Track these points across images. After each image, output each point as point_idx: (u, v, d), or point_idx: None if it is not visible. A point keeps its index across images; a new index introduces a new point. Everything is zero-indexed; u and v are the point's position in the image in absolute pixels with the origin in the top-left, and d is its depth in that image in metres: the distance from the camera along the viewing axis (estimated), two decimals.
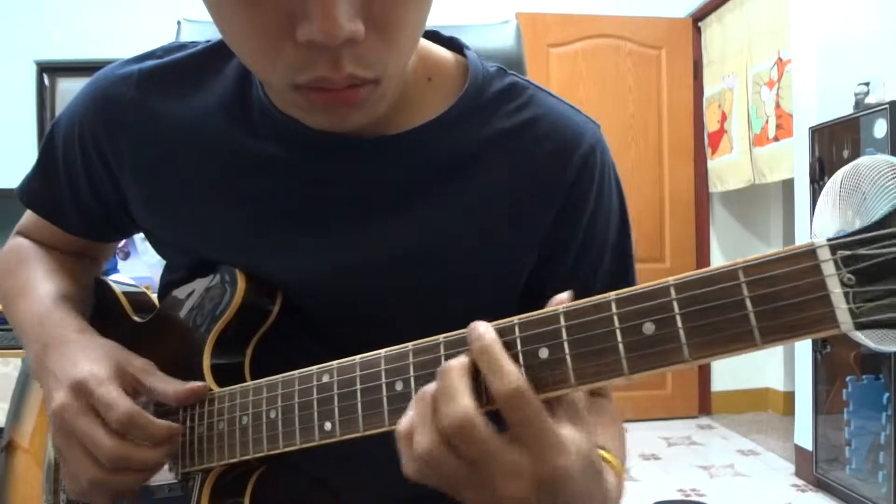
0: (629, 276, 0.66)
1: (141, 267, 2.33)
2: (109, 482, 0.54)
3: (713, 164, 3.49)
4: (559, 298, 0.42)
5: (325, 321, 0.62)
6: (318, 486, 0.63)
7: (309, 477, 0.62)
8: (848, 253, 0.33)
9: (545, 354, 0.41)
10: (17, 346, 0.67)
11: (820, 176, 2.33)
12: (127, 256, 2.46)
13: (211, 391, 0.58)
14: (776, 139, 2.93)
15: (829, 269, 0.33)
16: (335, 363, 0.50)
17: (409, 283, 0.60)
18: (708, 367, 3.53)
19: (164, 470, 0.59)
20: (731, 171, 3.32)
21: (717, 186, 3.48)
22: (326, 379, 0.50)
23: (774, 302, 0.35)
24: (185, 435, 0.58)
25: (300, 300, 0.62)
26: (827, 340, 2.35)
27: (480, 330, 0.41)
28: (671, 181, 3.48)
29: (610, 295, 0.40)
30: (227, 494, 0.57)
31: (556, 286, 0.46)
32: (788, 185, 2.94)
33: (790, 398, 2.91)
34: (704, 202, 3.56)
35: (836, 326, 0.33)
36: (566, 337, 0.40)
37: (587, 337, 0.40)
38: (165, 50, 0.65)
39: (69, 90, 3.19)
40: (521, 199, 0.60)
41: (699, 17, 3.51)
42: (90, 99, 0.64)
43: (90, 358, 0.56)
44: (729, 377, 3.53)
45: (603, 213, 0.63)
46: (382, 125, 0.58)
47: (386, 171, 0.59)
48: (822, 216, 1.88)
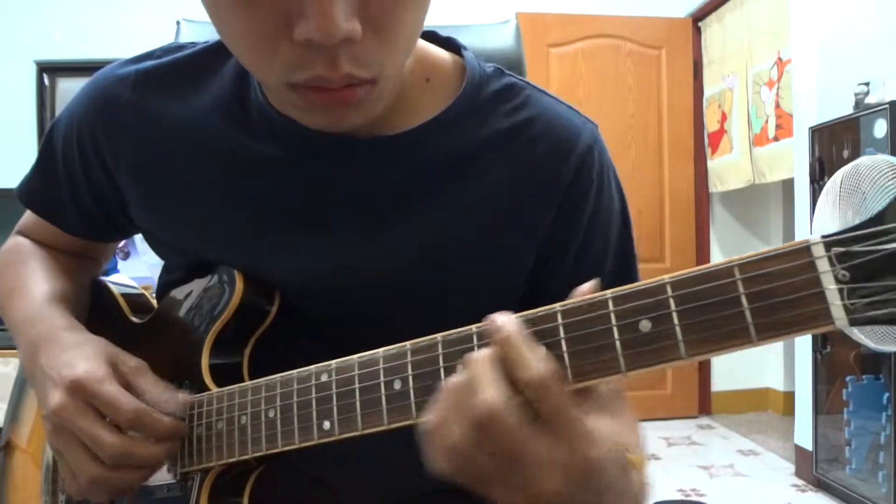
0: (632, 276, 0.65)
1: (141, 267, 2.33)
2: (111, 479, 0.54)
3: (713, 164, 3.49)
4: (582, 290, 0.41)
5: (323, 321, 0.62)
6: (316, 485, 0.63)
7: (308, 476, 0.62)
8: (842, 250, 0.33)
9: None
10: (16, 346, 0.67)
11: (820, 176, 2.33)
12: (127, 256, 2.47)
13: (209, 391, 0.58)
14: (776, 139, 2.93)
15: (823, 265, 0.34)
16: (333, 362, 0.50)
17: (408, 283, 0.60)
18: (708, 367, 3.53)
19: (163, 470, 0.59)
20: (731, 170, 3.32)
21: (717, 186, 3.48)
22: (325, 378, 0.50)
23: (770, 299, 0.35)
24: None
25: (299, 300, 0.62)
26: (827, 340, 2.34)
27: (501, 320, 0.40)
28: (671, 181, 3.48)
29: (606, 293, 0.40)
30: (225, 494, 0.57)
31: (557, 287, 0.46)
32: (788, 185, 2.94)
33: (790, 398, 2.91)
34: (704, 202, 3.56)
35: (830, 323, 0.33)
36: (563, 335, 0.40)
37: (584, 335, 0.40)
38: (164, 50, 0.65)
39: (69, 90, 3.19)
40: (519, 199, 0.60)
41: (699, 17, 3.51)
42: (89, 99, 0.64)
43: (84, 356, 0.56)
44: (729, 377, 3.53)
45: (604, 213, 0.63)
46: (380, 126, 0.58)
47: (384, 171, 0.59)
48: (822, 216, 1.88)
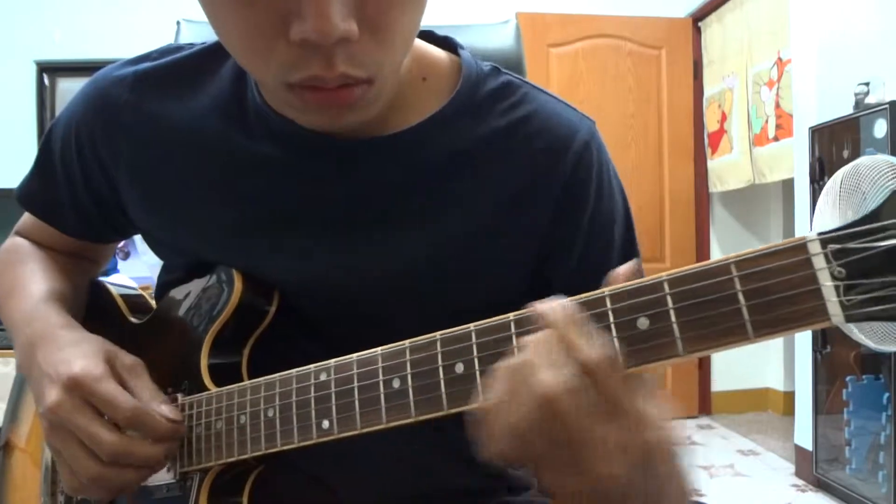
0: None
1: (141, 267, 2.34)
2: (109, 478, 0.54)
3: (713, 163, 3.49)
4: (617, 276, 0.41)
5: (322, 321, 0.62)
6: (315, 484, 0.63)
7: (307, 476, 0.62)
8: (838, 247, 0.33)
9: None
10: None
11: (820, 176, 2.33)
12: (127, 256, 2.47)
13: (208, 391, 0.58)
14: (776, 139, 2.93)
15: (819, 262, 0.34)
16: (332, 361, 0.50)
17: (407, 283, 0.60)
18: (708, 366, 3.53)
19: (162, 470, 0.59)
20: (730, 170, 3.32)
21: (716, 186, 3.48)
22: (324, 377, 0.50)
23: (766, 296, 0.35)
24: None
25: (297, 300, 0.62)
26: (827, 340, 2.34)
27: (553, 305, 0.39)
28: (671, 181, 3.48)
29: (604, 290, 0.40)
30: (225, 494, 0.57)
31: (562, 285, 0.46)
32: (788, 185, 2.93)
33: (790, 398, 2.91)
34: (704, 202, 3.56)
35: (827, 319, 0.34)
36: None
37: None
38: (161, 52, 0.65)
39: (69, 90, 3.19)
40: (517, 197, 0.59)
41: (699, 17, 3.51)
42: (87, 100, 0.64)
43: (82, 353, 0.56)
44: (729, 377, 3.53)
45: (605, 209, 0.62)
46: (378, 126, 0.58)
47: (382, 171, 0.58)
48: (822, 216, 1.87)
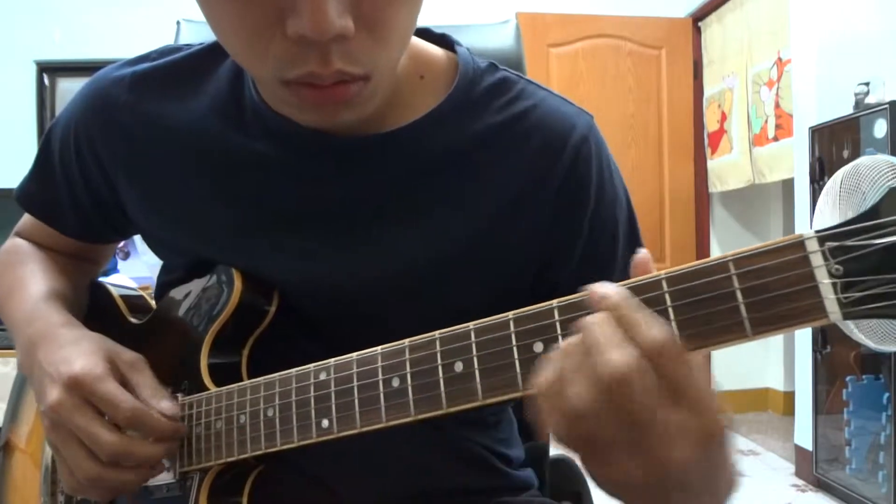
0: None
1: (141, 267, 2.34)
2: (108, 478, 0.54)
3: (713, 163, 3.49)
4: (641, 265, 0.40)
5: (322, 321, 0.62)
6: (315, 484, 0.63)
7: (307, 475, 0.62)
8: (836, 244, 0.33)
9: (539, 349, 0.41)
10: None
11: (820, 176, 2.33)
12: (127, 256, 2.47)
13: (208, 391, 0.58)
14: (776, 139, 2.93)
15: (817, 260, 0.34)
16: (332, 361, 0.50)
17: (407, 283, 0.59)
18: (708, 366, 3.51)
19: (162, 470, 0.59)
20: (730, 170, 3.32)
21: (716, 186, 3.48)
22: (323, 377, 0.50)
23: (764, 293, 0.35)
24: None
25: (297, 300, 0.62)
26: (827, 340, 2.34)
27: (605, 288, 0.38)
28: (671, 181, 3.48)
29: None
30: (225, 493, 0.57)
31: (567, 281, 0.45)
32: (788, 185, 2.93)
33: (790, 398, 2.91)
34: (704, 202, 3.56)
35: (824, 317, 0.34)
36: (560, 332, 0.41)
37: None
38: (160, 52, 0.65)
39: (69, 90, 3.19)
40: (517, 193, 0.59)
41: (699, 17, 3.51)
42: (86, 101, 0.64)
43: (83, 352, 0.56)
44: (729, 377, 3.53)
45: (608, 204, 0.61)
46: (375, 124, 0.58)
47: (379, 169, 0.58)
48: (822, 216, 1.88)
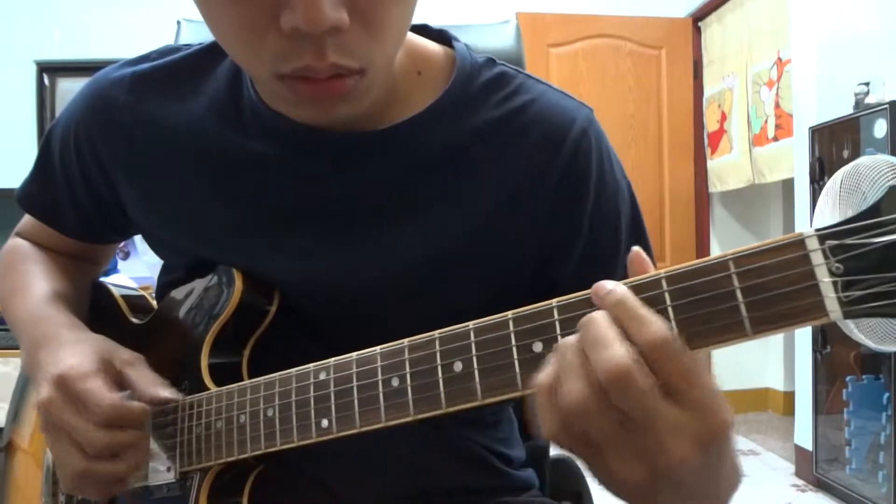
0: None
1: (141, 266, 2.34)
2: (97, 471, 0.54)
3: (713, 163, 3.49)
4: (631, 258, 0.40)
5: (322, 321, 0.62)
6: (315, 484, 0.63)
7: (307, 475, 0.62)
8: (836, 242, 0.33)
9: (538, 348, 0.41)
10: (16, 345, 0.67)
11: (820, 176, 2.33)
12: (127, 256, 2.47)
13: (208, 390, 0.58)
14: (775, 139, 2.93)
15: (817, 258, 0.34)
16: (332, 360, 0.50)
17: (406, 282, 0.59)
18: (709, 365, 3.52)
19: (162, 470, 0.59)
20: (730, 170, 3.32)
21: (716, 186, 3.48)
22: (323, 376, 0.50)
23: (764, 292, 0.35)
24: (183, 434, 0.58)
25: (298, 300, 0.62)
26: (827, 340, 2.34)
27: (609, 285, 0.38)
28: (671, 181, 3.48)
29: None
30: (225, 493, 0.57)
31: (567, 280, 0.45)
32: (788, 185, 2.93)
33: (790, 398, 2.91)
34: (704, 202, 3.56)
35: (825, 315, 0.33)
36: (559, 331, 0.40)
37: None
38: (160, 53, 0.65)
39: (69, 90, 3.19)
40: (515, 189, 0.58)
41: (699, 17, 3.51)
42: (86, 101, 0.65)
43: (75, 352, 0.57)
44: (729, 377, 3.52)
45: (609, 197, 0.61)
46: (373, 121, 0.58)
47: (377, 166, 0.58)
48: (822, 216, 1.88)
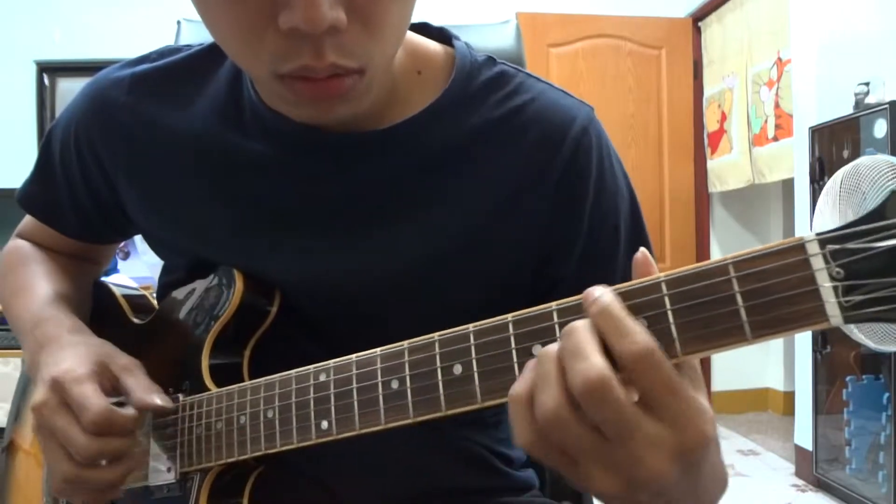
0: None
1: (141, 267, 2.33)
2: (85, 478, 0.54)
3: (713, 163, 3.49)
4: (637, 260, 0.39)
5: (322, 322, 0.62)
6: (315, 485, 0.63)
7: (306, 476, 0.62)
8: (837, 247, 0.33)
9: (538, 351, 0.40)
10: (17, 346, 0.67)
11: (820, 176, 2.33)
12: (127, 256, 2.47)
13: (209, 391, 0.58)
14: (775, 139, 2.93)
15: (818, 263, 0.34)
16: (332, 362, 0.50)
17: (406, 282, 0.59)
18: (708, 367, 3.53)
19: (162, 470, 0.59)
20: (730, 170, 3.32)
21: (716, 186, 3.48)
22: (323, 378, 0.50)
23: (765, 296, 0.35)
24: (183, 434, 0.58)
25: (298, 301, 0.62)
26: (827, 340, 2.34)
27: (597, 292, 0.37)
28: (671, 181, 3.48)
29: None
30: (225, 494, 0.57)
31: (567, 279, 0.45)
32: (788, 185, 2.93)
33: (790, 398, 2.91)
34: (704, 202, 3.56)
35: (825, 320, 0.33)
36: (559, 334, 0.40)
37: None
38: (160, 53, 0.65)
39: (69, 90, 3.19)
40: (515, 188, 0.58)
41: (699, 17, 3.51)
42: (86, 102, 0.65)
43: (73, 356, 0.57)
44: (729, 377, 3.53)
45: (608, 196, 0.60)
46: (373, 120, 0.58)
47: (377, 165, 0.58)
48: (822, 216, 1.88)
